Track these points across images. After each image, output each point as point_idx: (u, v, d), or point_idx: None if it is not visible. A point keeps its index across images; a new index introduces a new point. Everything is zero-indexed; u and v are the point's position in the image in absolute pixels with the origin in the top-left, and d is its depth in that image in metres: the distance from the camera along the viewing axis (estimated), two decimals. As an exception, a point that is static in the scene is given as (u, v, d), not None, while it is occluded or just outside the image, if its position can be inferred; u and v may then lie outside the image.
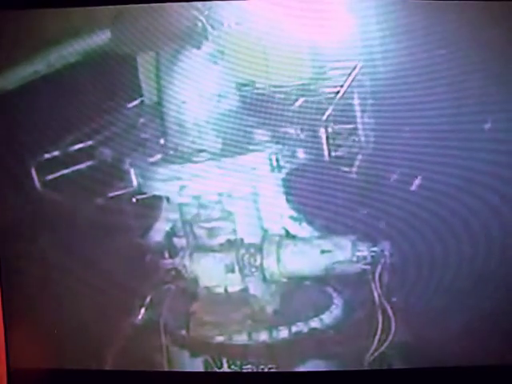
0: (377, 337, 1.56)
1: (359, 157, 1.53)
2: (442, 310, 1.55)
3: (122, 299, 1.62)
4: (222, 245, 1.54)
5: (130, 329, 1.62)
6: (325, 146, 1.52)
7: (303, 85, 1.52)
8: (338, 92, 1.52)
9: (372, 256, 1.53)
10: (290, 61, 1.52)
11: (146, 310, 1.61)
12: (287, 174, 1.54)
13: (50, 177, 1.56)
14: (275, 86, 1.53)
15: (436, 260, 1.54)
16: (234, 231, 1.55)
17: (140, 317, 1.61)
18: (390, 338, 1.55)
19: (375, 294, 1.54)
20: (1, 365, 1.60)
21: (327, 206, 1.54)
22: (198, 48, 1.51)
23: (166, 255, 1.59)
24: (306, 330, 1.58)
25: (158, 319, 1.60)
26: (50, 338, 1.64)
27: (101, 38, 1.54)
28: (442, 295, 1.54)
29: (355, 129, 1.53)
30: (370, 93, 1.51)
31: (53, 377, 1.64)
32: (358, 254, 1.53)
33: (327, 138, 1.51)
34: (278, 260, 1.53)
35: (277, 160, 1.53)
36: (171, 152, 1.54)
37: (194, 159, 1.52)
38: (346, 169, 1.53)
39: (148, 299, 1.60)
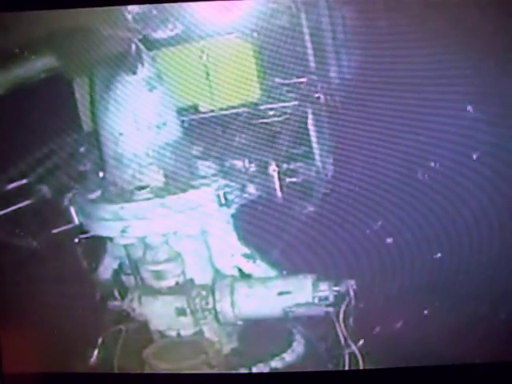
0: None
1: (316, 184, 1.38)
2: (414, 354, 1.41)
3: (75, 340, 1.53)
4: (171, 288, 1.42)
5: (85, 370, 1.54)
6: (276, 180, 1.37)
7: (250, 106, 1.37)
8: (288, 111, 1.36)
9: (335, 296, 1.39)
10: (236, 79, 1.37)
11: (99, 351, 1.51)
12: (237, 209, 1.40)
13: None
14: (220, 109, 1.38)
15: (405, 299, 1.40)
16: (183, 273, 1.42)
17: (93, 358, 1.52)
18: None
19: (340, 337, 1.40)
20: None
21: (283, 242, 1.40)
22: (134, 73, 1.35)
23: (116, 294, 1.48)
24: (267, 370, 1.47)
25: (112, 361, 1.51)
26: (43, 341, 1.56)
27: (33, 66, 1.40)
28: (412, 337, 1.41)
29: (310, 152, 1.37)
30: (325, 111, 1.36)
31: (45, 381, 1.58)
32: (320, 294, 1.39)
33: (279, 172, 1.36)
34: (232, 303, 1.40)
35: (225, 195, 1.38)
36: (111, 188, 1.41)
37: (136, 197, 1.38)
38: (303, 202, 1.38)
39: (100, 340, 1.51)
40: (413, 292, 1.41)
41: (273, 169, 1.36)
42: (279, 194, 1.37)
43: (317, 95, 1.36)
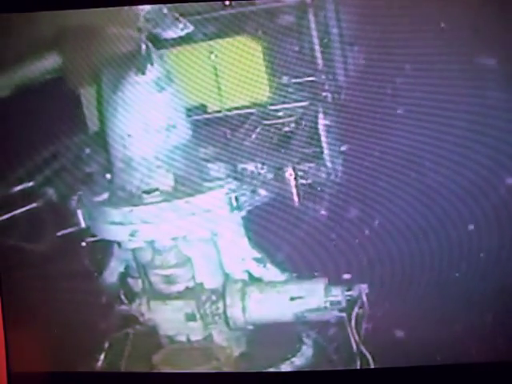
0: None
1: (328, 186, 1.36)
2: (420, 356, 1.39)
3: (82, 342, 1.51)
4: (180, 293, 1.39)
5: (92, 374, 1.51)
6: (292, 183, 1.35)
7: (260, 106, 1.35)
8: (298, 111, 1.34)
9: (347, 300, 1.37)
10: (244, 78, 1.34)
11: (106, 355, 1.49)
12: (248, 212, 1.37)
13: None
14: (229, 109, 1.35)
15: (418, 305, 1.38)
16: (193, 277, 1.39)
17: (100, 362, 1.50)
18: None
19: (352, 341, 1.39)
20: (1, 368, 1.52)
21: (294, 246, 1.37)
22: (143, 74, 1.32)
23: (123, 298, 1.45)
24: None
25: (119, 365, 1.48)
26: (50, 341, 1.54)
27: (39, 67, 1.37)
28: (425, 345, 1.39)
29: (321, 153, 1.35)
30: (334, 110, 1.33)
31: (52, 380, 1.56)
32: (332, 298, 1.37)
33: (296, 175, 1.34)
34: (244, 308, 1.38)
35: (236, 198, 1.35)
36: (120, 192, 1.38)
37: (145, 200, 1.36)
38: (315, 205, 1.36)
39: (107, 344, 1.48)
40: (424, 295, 1.39)
41: (289, 173, 1.33)
42: (295, 198, 1.35)
43: (325, 94, 1.34)
